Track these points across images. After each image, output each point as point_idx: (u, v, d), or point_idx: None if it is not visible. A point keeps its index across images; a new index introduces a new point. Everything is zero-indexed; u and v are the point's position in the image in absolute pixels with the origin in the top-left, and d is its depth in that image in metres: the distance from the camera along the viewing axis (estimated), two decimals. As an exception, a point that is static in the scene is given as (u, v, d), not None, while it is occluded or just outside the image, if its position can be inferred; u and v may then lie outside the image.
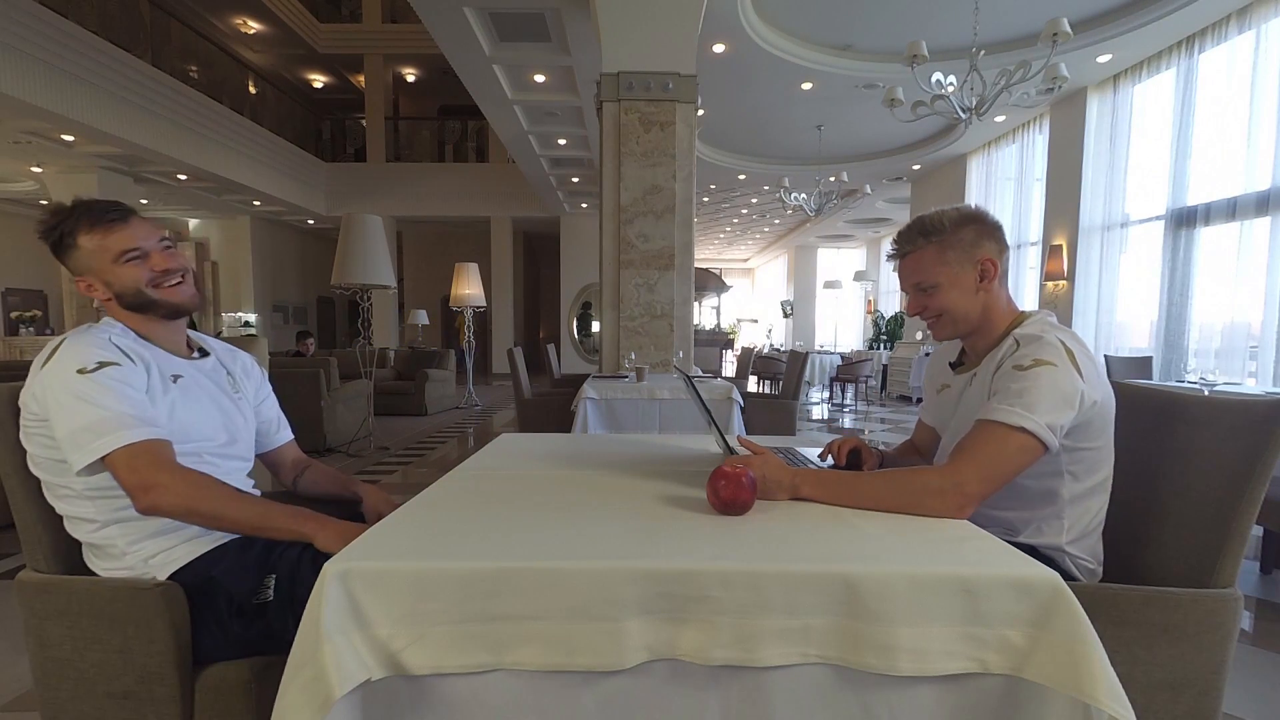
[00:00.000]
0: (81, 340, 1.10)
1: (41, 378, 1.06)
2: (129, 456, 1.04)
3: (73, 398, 1.04)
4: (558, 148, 8.78)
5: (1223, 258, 5.22)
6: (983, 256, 1.18)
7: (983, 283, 1.19)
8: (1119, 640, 0.98)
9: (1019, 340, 1.12)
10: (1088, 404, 1.06)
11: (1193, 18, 5.07)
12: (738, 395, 3.36)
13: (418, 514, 0.99)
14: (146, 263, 1.17)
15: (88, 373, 1.05)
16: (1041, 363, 1.05)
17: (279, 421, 1.46)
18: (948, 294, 1.20)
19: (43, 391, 1.05)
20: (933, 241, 1.20)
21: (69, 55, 6.46)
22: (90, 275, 1.16)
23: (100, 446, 1.03)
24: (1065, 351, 1.06)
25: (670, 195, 4.58)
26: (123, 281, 1.16)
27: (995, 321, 1.21)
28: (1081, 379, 1.05)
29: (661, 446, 1.61)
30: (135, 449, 1.05)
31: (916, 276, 1.22)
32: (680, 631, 0.77)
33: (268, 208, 11.72)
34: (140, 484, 1.04)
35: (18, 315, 11.34)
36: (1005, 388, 1.05)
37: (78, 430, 1.03)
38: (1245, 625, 2.24)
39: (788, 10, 5.53)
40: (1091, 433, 1.10)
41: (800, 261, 16.81)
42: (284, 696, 0.73)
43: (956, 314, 1.21)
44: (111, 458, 1.03)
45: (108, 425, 1.04)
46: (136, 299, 1.17)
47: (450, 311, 9.79)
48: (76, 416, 1.03)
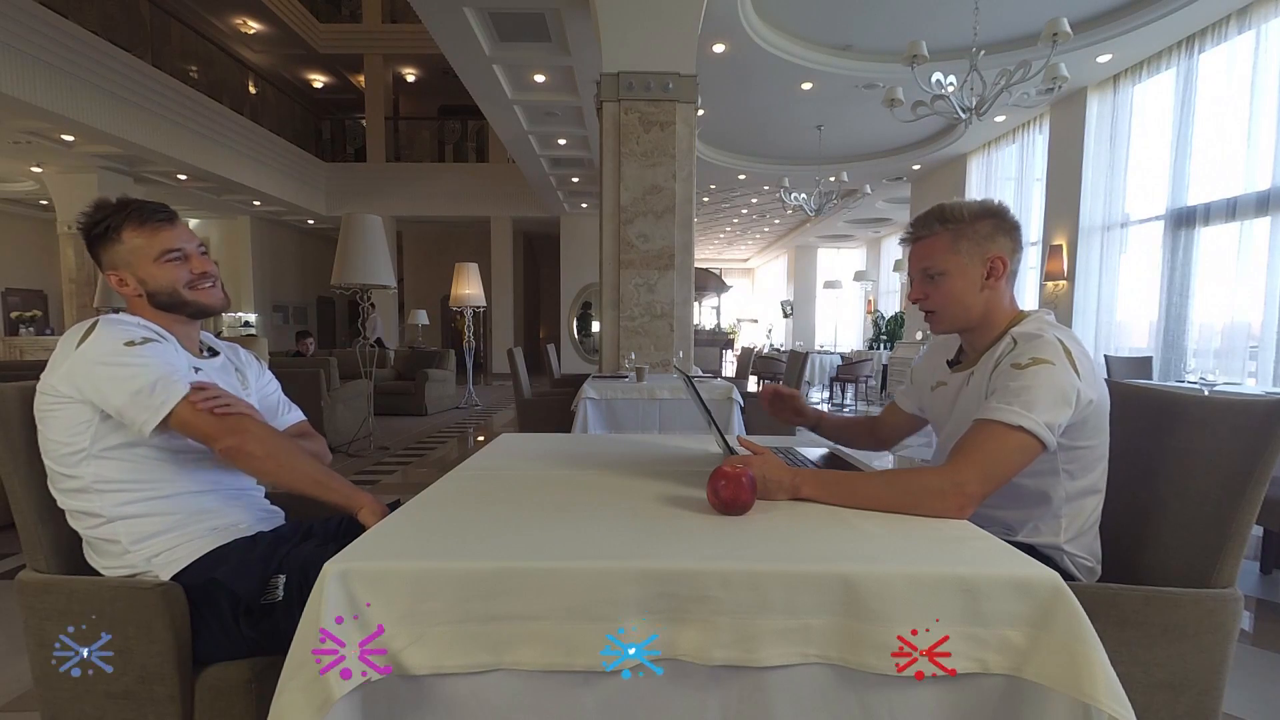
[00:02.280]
0: (118, 321, 1.14)
1: (78, 357, 1.07)
2: (198, 395, 1.09)
3: (124, 366, 1.07)
4: (558, 148, 8.77)
5: (1223, 258, 5.22)
6: (994, 253, 1.18)
7: (989, 279, 1.18)
8: (1119, 640, 0.98)
9: (1016, 339, 1.12)
10: (1084, 402, 1.05)
11: (1193, 18, 5.07)
12: (738, 395, 3.36)
13: (418, 514, 0.99)
14: (186, 264, 1.22)
15: (135, 345, 1.09)
16: (1039, 361, 1.05)
17: (285, 404, 1.48)
18: (953, 284, 1.19)
19: (85, 368, 1.06)
20: (949, 229, 1.19)
21: (69, 55, 6.46)
22: (126, 270, 1.19)
23: (170, 398, 1.06)
24: (1063, 350, 1.06)
25: (670, 195, 4.58)
26: (159, 280, 1.20)
27: (996, 320, 1.20)
28: (1079, 378, 1.05)
29: (661, 446, 1.61)
30: (204, 389, 1.10)
31: (925, 261, 1.22)
32: (680, 631, 0.77)
33: (268, 208, 11.72)
34: (224, 424, 1.08)
35: (18, 315, 11.33)
36: (1004, 386, 1.05)
37: (141, 391, 1.06)
38: (1245, 625, 2.24)
39: (788, 10, 5.53)
40: (1087, 431, 1.10)
41: (800, 261, 16.80)
42: (282, 696, 0.73)
43: (957, 307, 1.20)
44: (183, 408, 1.07)
45: (173, 380, 1.08)
46: (171, 298, 1.21)
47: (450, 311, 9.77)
48: (136, 379, 1.06)
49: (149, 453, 1.12)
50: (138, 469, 1.12)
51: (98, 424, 1.08)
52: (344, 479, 1.21)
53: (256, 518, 1.26)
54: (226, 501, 1.22)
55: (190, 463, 1.18)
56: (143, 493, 1.12)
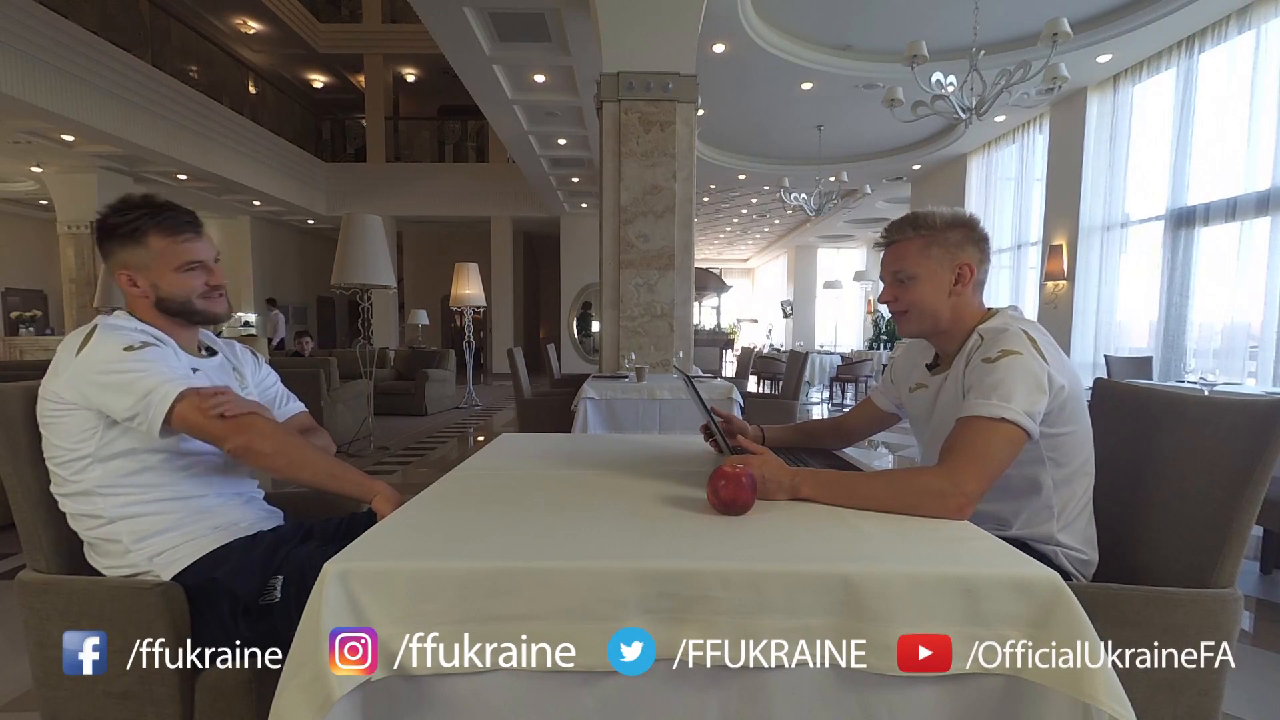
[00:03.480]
0: (117, 326, 1.14)
1: (79, 365, 1.07)
2: (202, 400, 1.09)
3: (125, 372, 1.07)
4: (558, 148, 8.77)
5: (1223, 258, 5.22)
6: (963, 260, 1.21)
7: (957, 285, 1.22)
8: (1119, 640, 0.98)
9: (983, 335, 1.16)
10: (1056, 388, 1.08)
11: (1193, 18, 5.07)
12: (738, 395, 3.36)
13: (417, 514, 0.99)
14: (203, 275, 1.22)
15: (134, 349, 1.09)
16: (1008, 352, 1.07)
17: (285, 395, 1.48)
18: (922, 288, 1.22)
19: (89, 374, 1.07)
20: (921, 235, 1.22)
21: (69, 55, 6.45)
22: (141, 273, 1.19)
23: (171, 393, 1.07)
24: (1027, 339, 1.09)
25: (670, 195, 4.58)
26: (175, 289, 1.20)
27: (964, 324, 1.23)
28: (1047, 363, 1.08)
29: (661, 446, 1.61)
30: (206, 393, 1.10)
31: (896, 265, 1.25)
32: (680, 631, 0.77)
33: (267, 208, 11.72)
34: (231, 425, 1.09)
35: (18, 315, 11.33)
36: (979, 382, 1.08)
37: (146, 393, 1.06)
38: (1245, 625, 2.24)
39: (788, 10, 5.53)
40: (1065, 417, 1.12)
41: (800, 261, 16.80)
42: (282, 696, 0.73)
43: (925, 310, 1.23)
44: (183, 408, 1.07)
45: (174, 381, 1.08)
46: (182, 307, 1.22)
47: (450, 311, 9.77)
48: (139, 383, 1.07)
49: (152, 456, 1.13)
50: (141, 472, 1.12)
51: (103, 430, 1.09)
52: (356, 469, 1.21)
53: (257, 517, 1.26)
54: (227, 502, 1.23)
55: (192, 465, 1.18)
56: (145, 494, 1.12)
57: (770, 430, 1.55)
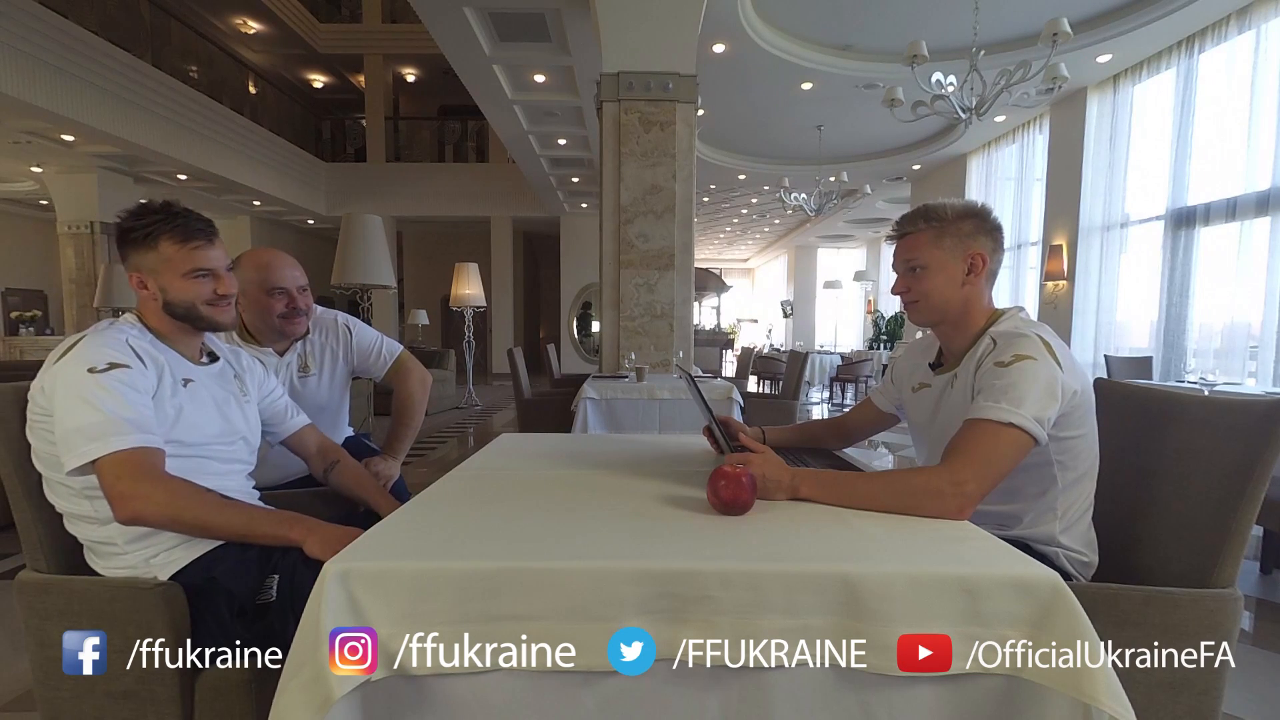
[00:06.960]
0: (99, 339, 1.12)
1: (53, 373, 1.08)
2: (114, 464, 1.05)
3: (77, 397, 1.05)
4: (558, 148, 8.77)
5: (1223, 258, 5.22)
6: (975, 250, 1.21)
7: (969, 275, 1.22)
8: (1119, 640, 0.98)
9: (995, 339, 1.15)
10: (1069, 393, 1.08)
11: (1193, 18, 5.07)
12: (738, 395, 3.36)
13: (418, 514, 0.99)
14: (211, 283, 1.22)
15: (97, 372, 1.07)
16: (1022, 357, 1.07)
17: (292, 408, 1.47)
18: (934, 278, 1.22)
19: (52, 386, 1.07)
20: (932, 226, 1.23)
21: (69, 55, 6.45)
22: (150, 276, 1.20)
23: (89, 451, 1.04)
24: (1043, 345, 1.09)
25: (670, 195, 4.58)
26: (182, 293, 1.20)
27: (973, 317, 1.23)
28: (1061, 370, 1.07)
29: (661, 446, 1.61)
30: (121, 457, 1.05)
31: (909, 255, 1.25)
32: (680, 631, 0.77)
33: (268, 208, 11.71)
34: (122, 493, 1.05)
35: (18, 315, 11.33)
36: (990, 385, 1.07)
37: (73, 431, 1.04)
38: (1245, 625, 2.24)
39: (788, 10, 5.53)
40: (1074, 421, 1.12)
41: (800, 261, 16.80)
42: (282, 696, 0.73)
43: (936, 299, 1.23)
44: (99, 464, 1.04)
45: (101, 430, 1.04)
46: (187, 312, 1.22)
47: (450, 311, 9.77)
48: (75, 416, 1.05)
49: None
50: None
51: None
52: (277, 515, 1.15)
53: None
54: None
55: (184, 466, 1.17)
56: None
57: (770, 431, 1.55)
